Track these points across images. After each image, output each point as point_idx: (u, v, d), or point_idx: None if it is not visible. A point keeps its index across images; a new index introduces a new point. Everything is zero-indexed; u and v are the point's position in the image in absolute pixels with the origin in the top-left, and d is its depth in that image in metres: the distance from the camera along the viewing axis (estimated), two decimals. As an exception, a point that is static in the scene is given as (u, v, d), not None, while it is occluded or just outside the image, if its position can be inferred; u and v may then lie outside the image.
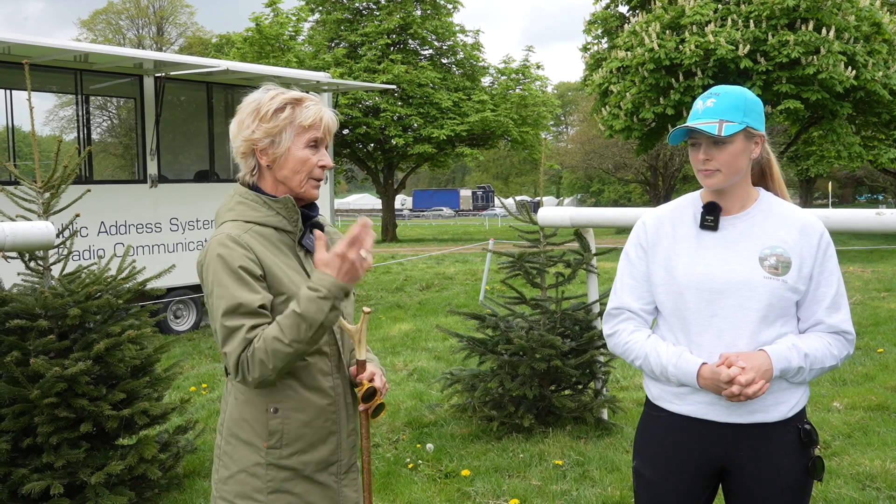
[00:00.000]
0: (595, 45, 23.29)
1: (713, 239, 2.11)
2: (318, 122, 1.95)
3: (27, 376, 3.61)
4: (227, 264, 1.84)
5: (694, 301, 2.08)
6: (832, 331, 2.09)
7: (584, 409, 5.14)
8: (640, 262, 2.20)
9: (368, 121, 25.46)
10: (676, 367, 2.07)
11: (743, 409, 2.06)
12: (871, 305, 9.98)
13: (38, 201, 3.93)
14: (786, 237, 2.07)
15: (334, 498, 2.01)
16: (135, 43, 50.78)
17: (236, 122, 1.97)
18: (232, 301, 1.81)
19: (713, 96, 2.10)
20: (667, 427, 2.16)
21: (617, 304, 2.23)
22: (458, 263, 17.22)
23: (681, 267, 2.11)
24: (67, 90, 10.41)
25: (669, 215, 2.21)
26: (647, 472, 2.20)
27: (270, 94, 1.96)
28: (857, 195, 54.86)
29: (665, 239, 2.17)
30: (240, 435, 1.95)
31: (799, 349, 2.03)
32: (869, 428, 5.08)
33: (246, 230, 1.91)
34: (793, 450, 2.08)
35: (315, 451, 1.97)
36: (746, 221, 2.11)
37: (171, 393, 6.23)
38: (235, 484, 1.94)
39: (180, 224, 9.27)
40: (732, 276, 2.05)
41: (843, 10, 17.50)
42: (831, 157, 25.38)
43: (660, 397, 2.18)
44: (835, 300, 2.08)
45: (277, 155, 1.94)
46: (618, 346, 2.22)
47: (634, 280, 2.20)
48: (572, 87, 67.01)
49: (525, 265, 5.28)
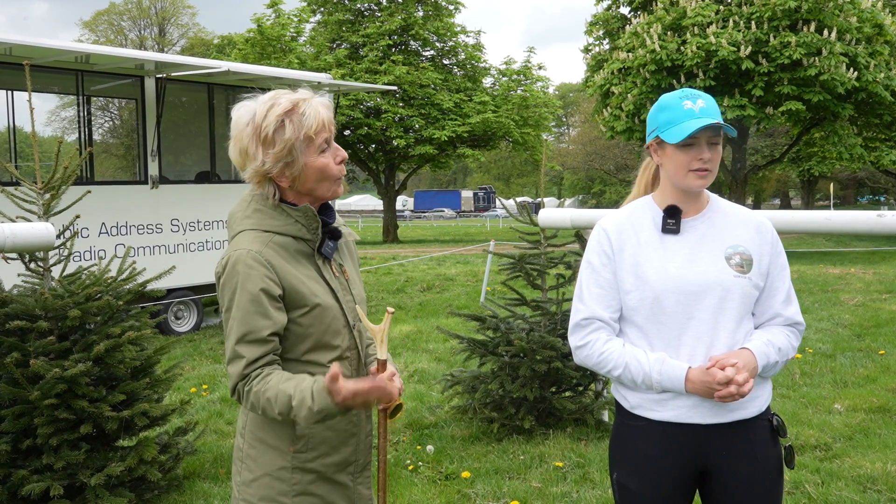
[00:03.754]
0: (596, 47, 23.32)
1: (677, 242, 2.11)
2: (322, 124, 1.88)
3: (27, 377, 3.61)
4: (244, 286, 1.83)
5: (671, 304, 2.06)
6: (788, 323, 2.15)
7: (585, 410, 5.13)
8: (604, 269, 2.15)
9: (370, 122, 25.46)
10: (661, 373, 2.04)
11: (724, 409, 2.07)
12: (872, 307, 9.97)
13: (38, 202, 3.93)
14: (744, 236, 2.12)
15: (350, 496, 2.04)
16: (136, 44, 50.84)
17: (237, 151, 1.90)
18: (245, 327, 1.83)
19: (700, 97, 2.09)
20: (648, 436, 2.13)
21: (586, 315, 2.15)
22: (459, 264, 17.21)
23: (652, 272, 2.08)
24: (69, 91, 10.42)
25: (628, 220, 2.18)
26: (632, 485, 2.16)
27: (261, 110, 1.87)
28: (858, 197, 54.83)
29: (629, 244, 2.14)
30: (265, 439, 1.96)
31: (773, 344, 2.08)
32: (870, 430, 5.07)
33: (266, 242, 1.88)
34: (766, 442, 2.12)
35: (337, 454, 2.00)
36: (705, 223, 2.14)
37: (172, 394, 6.22)
38: (260, 487, 1.95)
39: (181, 225, 9.27)
40: (704, 277, 2.06)
41: (844, 11, 17.51)
42: (833, 159, 25.36)
43: (639, 406, 2.13)
44: (788, 293, 2.16)
45: (296, 174, 1.88)
46: (591, 358, 2.14)
47: (601, 288, 2.15)
48: (574, 89, 67.05)
49: (526, 266, 5.27)
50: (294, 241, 1.93)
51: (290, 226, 1.92)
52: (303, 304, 1.88)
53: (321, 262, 1.97)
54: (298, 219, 1.92)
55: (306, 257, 1.95)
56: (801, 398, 5.80)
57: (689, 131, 2.02)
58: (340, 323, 1.96)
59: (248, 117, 1.88)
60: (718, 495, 2.14)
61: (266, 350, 1.85)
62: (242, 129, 1.88)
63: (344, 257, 2.08)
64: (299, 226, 1.92)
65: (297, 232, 1.92)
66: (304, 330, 1.90)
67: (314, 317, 1.90)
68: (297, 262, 1.92)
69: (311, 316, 1.90)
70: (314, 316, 1.90)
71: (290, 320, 1.88)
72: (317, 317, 1.90)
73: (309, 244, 1.95)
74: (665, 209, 2.14)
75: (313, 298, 1.89)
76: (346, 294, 2.01)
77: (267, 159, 1.86)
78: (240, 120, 1.89)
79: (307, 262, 1.95)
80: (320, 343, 1.91)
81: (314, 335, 1.91)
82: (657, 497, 2.15)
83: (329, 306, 1.93)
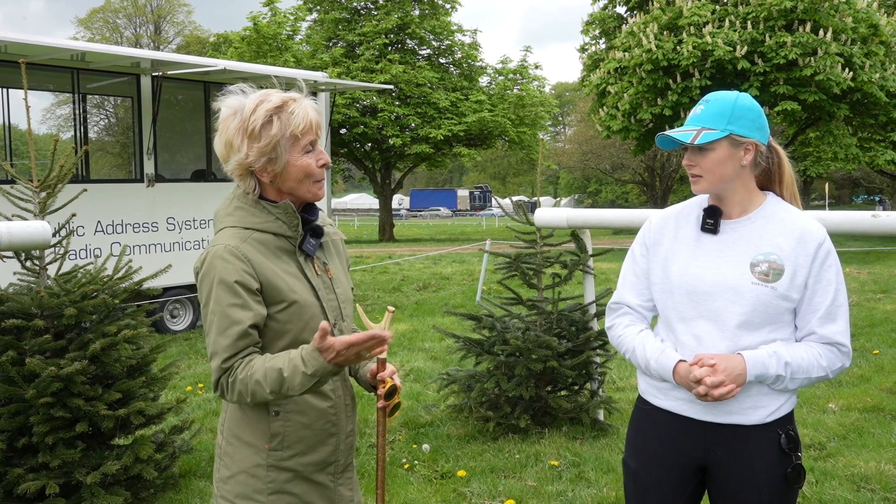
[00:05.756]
0: (593, 46, 23.33)
1: (711, 242, 2.12)
2: (309, 125, 1.88)
3: (23, 376, 3.61)
4: (222, 279, 1.83)
5: (682, 301, 2.11)
6: (824, 341, 2.05)
7: (580, 409, 5.14)
8: (642, 259, 2.25)
9: (366, 120, 25.46)
10: (658, 362, 2.12)
11: (719, 410, 2.08)
12: (867, 307, 10.00)
13: (34, 200, 3.92)
14: (782, 244, 2.06)
15: (331, 497, 2.03)
16: (132, 42, 50.70)
17: (223, 143, 1.90)
18: (225, 320, 1.82)
19: (703, 103, 2.12)
20: (652, 420, 2.22)
21: (616, 299, 2.30)
22: (455, 264, 17.21)
23: (676, 267, 2.14)
24: (64, 89, 10.40)
25: (675, 216, 2.25)
26: (632, 464, 2.27)
27: (251, 104, 1.87)
28: (853, 196, 54.97)
29: (666, 239, 2.20)
30: (241, 436, 1.96)
31: (780, 357, 2.01)
32: (864, 429, 5.09)
33: (245, 238, 1.89)
34: (771, 454, 2.08)
35: (315, 453, 1.98)
36: (747, 226, 2.11)
37: (168, 393, 6.22)
38: (236, 484, 1.95)
39: (177, 223, 9.26)
40: (721, 279, 2.06)
41: (840, 11, 17.54)
42: (828, 159, 25.41)
43: (646, 391, 2.25)
44: (830, 311, 2.05)
45: (277, 171, 1.89)
46: (613, 339, 2.29)
47: (636, 277, 2.26)
48: (570, 88, 67.06)
49: (522, 266, 5.28)
50: (274, 238, 1.93)
51: (271, 223, 1.92)
52: (280, 299, 1.88)
53: (303, 260, 1.97)
54: (279, 216, 1.92)
55: (287, 254, 1.94)
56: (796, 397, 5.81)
57: (661, 141, 2.13)
58: (320, 321, 1.93)
59: (236, 108, 1.89)
60: (719, 496, 2.16)
61: (247, 343, 1.84)
62: (229, 121, 1.89)
63: (330, 256, 2.08)
64: (280, 223, 1.93)
65: (278, 229, 1.93)
66: (282, 326, 1.89)
67: (291, 313, 1.89)
68: (276, 259, 1.91)
69: (289, 312, 1.89)
70: (291, 312, 1.89)
71: (268, 315, 1.88)
72: (294, 313, 1.90)
73: (290, 241, 1.95)
74: (705, 208, 2.16)
75: (291, 294, 1.89)
76: (328, 293, 2.00)
77: (251, 153, 1.86)
78: (227, 112, 1.90)
79: (288, 259, 1.94)
80: (298, 340, 1.90)
81: (292, 332, 1.90)
82: (653, 480, 2.20)
83: (308, 303, 1.92)
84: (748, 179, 2.12)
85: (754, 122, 2.08)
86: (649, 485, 2.21)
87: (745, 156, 2.07)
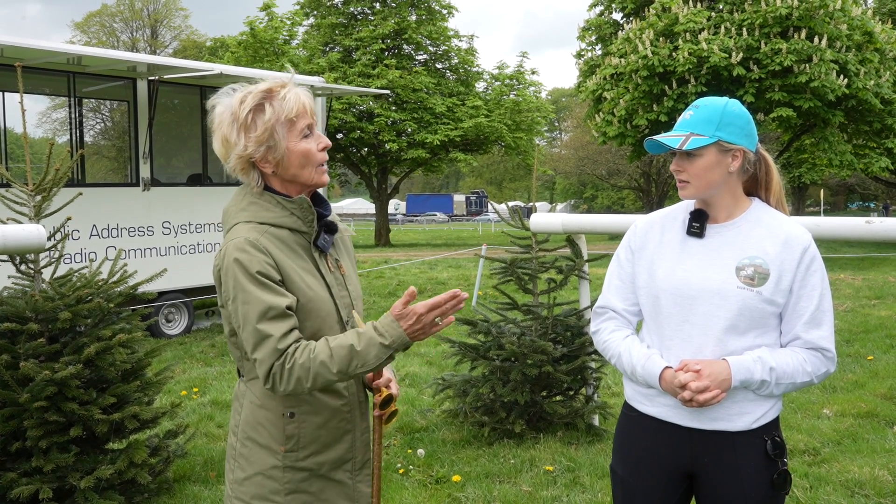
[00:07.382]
0: (589, 52, 23.37)
1: (697, 246, 2.13)
2: (303, 108, 1.88)
3: (17, 380, 3.59)
4: (246, 270, 1.80)
5: (668, 305, 2.11)
6: (809, 347, 2.06)
7: (575, 414, 5.14)
8: (627, 263, 2.25)
9: (362, 125, 25.48)
10: (644, 368, 2.11)
11: (705, 416, 2.08)
12: (861, 313, 10.03)
13: (29, 204, 3.91)
14: (768, 248, 2.06)
15: (350, 494, 2.03)
16: (129, 46, 50.68)
17: (219, 140, 1.89)
18: (261, 305, 1.78)
19: (693, 108, 2.12)
20: (638, 427, 2.21)
21: (602, 304, 2.29)
22: (450, 268, 17.22)
23: (661, 271, 2.14)
24: (60, 93, 10.38)
25: (661, 220, 2.24)
26: (620, 470, 2.26)
27: (238, 97, 1.87)
28: (848, 203, 55.13)
29: (652, 243, 2.20)
30: (256, 438, 1.95)
31: (765, 363, 2.01)
32: (858, 435, 5.10)
33: (262, 233, 1.86)
34: (757, 461, 2.08)
35: (331, 451, 1.98)
36: (732, 231, 2.11)
37: (162, 397, 6.21)
38: (252, 486, 1.95)
39: (173, 227, 9.24)
40: (706, 283, 2.06)
41: (835, 18, 17.62)
42: (823, 165, 25.52)
43: (632, 397, 2.24)
44: (814, 316, 2.05)
45: (279, 158, 1.87)
46: (599, 344, 2.29)
47: (621, 281, 2.26)
48: (566, 94, 67.23)
49: (517, 271, 5.28)
50: (290, 234, 1.91)
51: (286, 218, 1.90)
52: (297, 296, 1.86)
53: (317, 256, 1.96)
54: (294, 211, 1.91)
55: (303, 250, 1.93)
56: (791, 403, 5.83)
57: (650, 145, 2.12)
58: (334, 318, 1.94)
59: (226, 105, 1.89)
60: (707, 503, 2.15)
61: (292, 324, 1.80)
62: (222, 119, 1.89)
63: (340, 253, 2.07)
64: (295, 218, 1.91)
65: (293, 224, 1.91)
66: (299, 323, 1.87)
67: (308, 311, 1.88)
68: (293, 254, 1.90)
69: (306, 310, 1.88)
70: (308, 310, 1.88)
71: None
72: (311, 311, 1.88)
73: (305, 237, 1.94)
74: (691, 212, 2.17)
75: (307, 291, 1.88)
76: (341, 290, 1.99)
77: (249, 143, 1.85)
78: (218, 110, 1.90)
79: (304, 255, 1.93)
80: (313, 338, 1.88)
81: (308, 329, 1.88)
82: (640, 487, 2.20)
83: (323, 301, 1.91)
84: (735, 185, 2.12)
85: (743, 128, 2.08)
86: (637, 491, 2.20)
87: (732, 162, 2.08)
